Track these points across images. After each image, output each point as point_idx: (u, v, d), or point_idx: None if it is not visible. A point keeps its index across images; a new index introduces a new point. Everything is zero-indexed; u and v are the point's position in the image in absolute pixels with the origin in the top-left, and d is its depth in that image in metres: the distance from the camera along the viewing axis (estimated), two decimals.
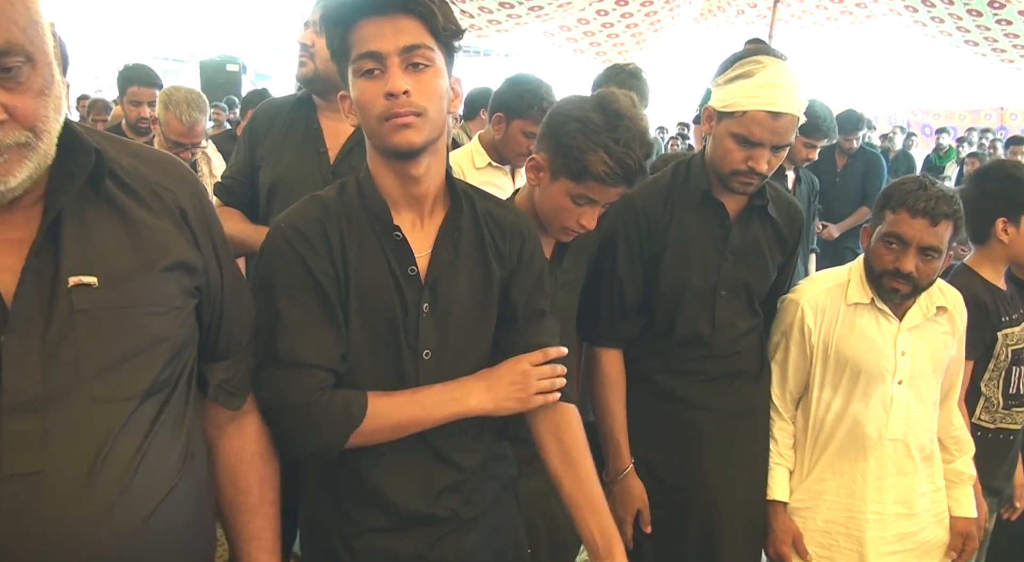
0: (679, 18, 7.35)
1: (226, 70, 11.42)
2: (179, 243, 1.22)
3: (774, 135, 1.91)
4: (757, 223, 2.11)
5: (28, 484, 1.05)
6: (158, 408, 1.18)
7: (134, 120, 4.03)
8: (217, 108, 9.80)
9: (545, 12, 6.91)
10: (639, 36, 7.27)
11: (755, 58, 1.93)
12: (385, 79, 1.33)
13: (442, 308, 1.49)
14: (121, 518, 1.12)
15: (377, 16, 1.32)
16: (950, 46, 7.07)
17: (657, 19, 7.14)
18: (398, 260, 1.45)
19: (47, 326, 1.08)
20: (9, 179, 1.03)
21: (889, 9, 7.14)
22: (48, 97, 1.05)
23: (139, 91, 4.00)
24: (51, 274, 1.09)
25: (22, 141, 1.03)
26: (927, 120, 15.54)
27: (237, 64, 11.63)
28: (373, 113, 1.35)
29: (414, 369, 1.47)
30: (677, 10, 7.16)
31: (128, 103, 4.05)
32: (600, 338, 2.13)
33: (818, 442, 2.12)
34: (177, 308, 1.21)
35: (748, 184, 1.99)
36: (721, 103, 1.97)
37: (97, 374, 1.10)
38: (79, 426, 1.09)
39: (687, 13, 7.46)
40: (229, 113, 9.31)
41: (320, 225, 1.43)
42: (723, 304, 2.09)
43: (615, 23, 7.18)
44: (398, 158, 1.41)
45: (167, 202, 1.23)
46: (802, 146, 3.77)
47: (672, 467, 2.13)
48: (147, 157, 1.26)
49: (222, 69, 11.46)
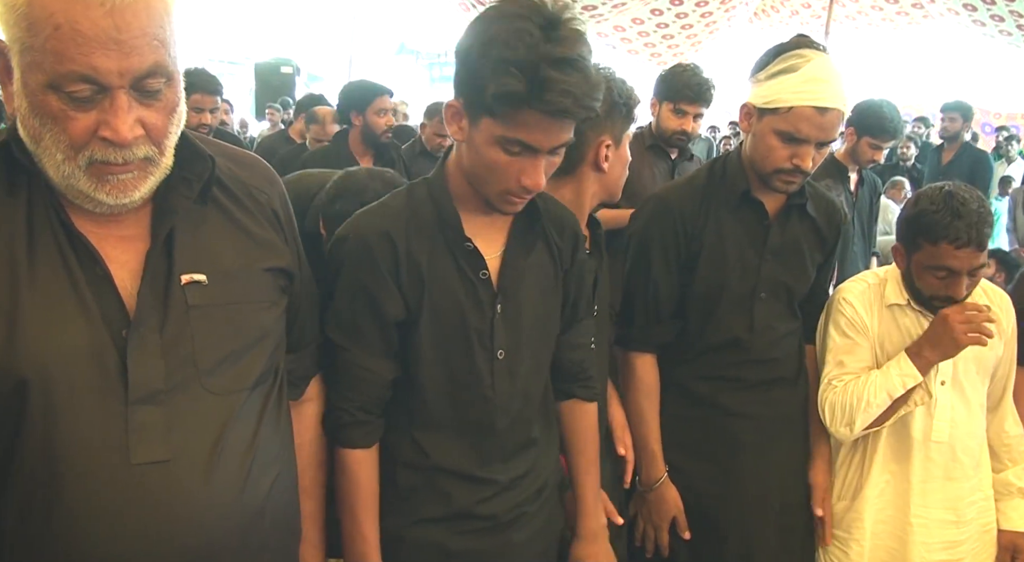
0: (734, 19, 7.30)
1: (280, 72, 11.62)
2: (276, 244, 1.29)
3: (821, 131, 1.86)
4: (796, 222, 2.06)
5: (155, 473, 1.10)
6: (263, 399, 1.24)
7: (195, 126, 4.06)
8: (272, 109, 9.99)
9: (599, 12, 6.90)
10: (694, 38, 7.22)
11: (797, 52, 1.87)
12: (525, 167, 1.38)
13: (514, 308, 1.52)
14: (241, 504, 1.18)
15: (548, 118, 1.32)
16: (1010, 45, 6.93)
17: (712, 20, 7.09)
18: (469, 264, 1.48)
19: (164, 322, 1.13)
20: (135, 193, 1.10)
21: (947, 8, 7.02)
22: (176, 114, 1.11)
23: (202, 98, 4.05)
24: (164, 272, 1.15)
25: (149, 156, 1.08)
26: (987, 119, 15.19)
27: (291, 66, 11.83)
28: (503, 185, 1.42)
29: (489, 370, 1.51)
30: (733, 11, 7.10)
31: (190, 109, 4.11)
32: (634, 343, 2.09)
33: (862, 445, 2.07)
34: (275, 304, 1.27)
35: (791, 183, 1.93)
36: (763, 99, 1.90)
37: (212, 367, 1.16)
38: (198, 417, 1.14)
39: (742, 14, 7.39)
40: (283, 114, 9.46)
41: (387, 238, 1.46)
42: (762, 306, 2.03)
43: (670, 24, 7.14)
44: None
45: (263, 204, 1.29)
46: (867, 147, 3.66)
47: (708, 475, 2.09)
48: (240, 160, 1.33)
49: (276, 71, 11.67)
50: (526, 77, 1.27)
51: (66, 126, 1.03)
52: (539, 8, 1.30)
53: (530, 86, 1.27)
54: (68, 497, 1.08)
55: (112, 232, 1.14)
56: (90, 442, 1.08)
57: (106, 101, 1.02)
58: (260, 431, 1.23)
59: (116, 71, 1.00)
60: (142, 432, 1.10)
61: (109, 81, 1.01)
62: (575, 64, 1.29)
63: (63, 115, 1.02)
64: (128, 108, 1.03)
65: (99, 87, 1.01)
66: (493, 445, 1.56)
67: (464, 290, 1.49)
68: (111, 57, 0.99)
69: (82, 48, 0.98)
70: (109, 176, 1.07)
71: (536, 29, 1.28)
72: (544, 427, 1.66)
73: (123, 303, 1.12)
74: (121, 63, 1.00)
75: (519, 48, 1.27)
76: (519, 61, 1.26)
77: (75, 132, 1.03)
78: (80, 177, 1.06)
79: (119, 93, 1.02)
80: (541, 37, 1.27)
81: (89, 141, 1.04)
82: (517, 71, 1.27)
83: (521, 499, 1.60)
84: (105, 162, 1.05)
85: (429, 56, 19.96)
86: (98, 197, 1.08)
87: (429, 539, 1.56)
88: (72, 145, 1.04)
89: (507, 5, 1.33)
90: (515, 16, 1.29)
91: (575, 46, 1.30)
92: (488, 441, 1.55)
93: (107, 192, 1.08)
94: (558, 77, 1.27)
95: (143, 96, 1.05)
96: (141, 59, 1.01)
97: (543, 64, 1.26)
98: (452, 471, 1.54)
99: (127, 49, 1.00)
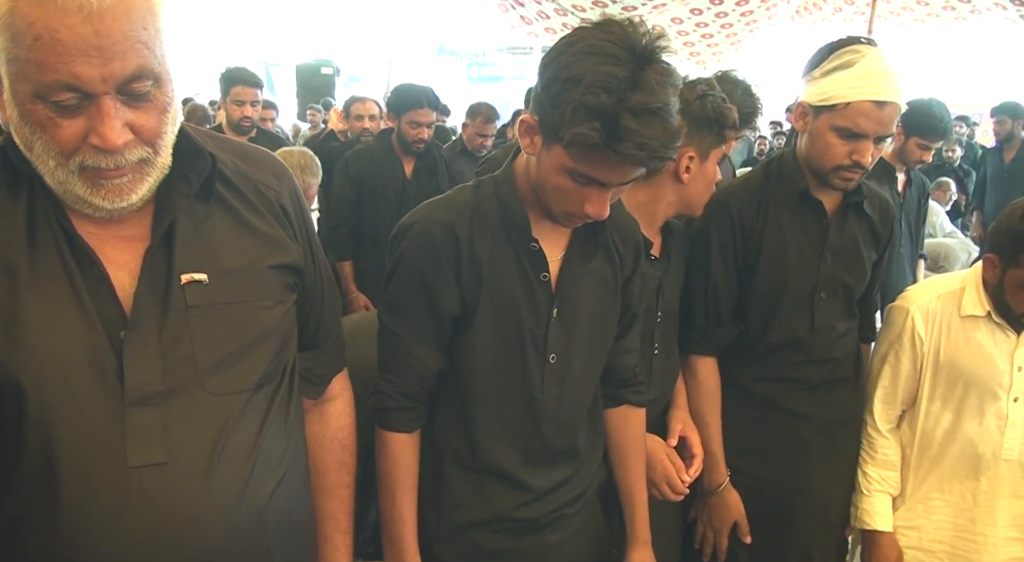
0: (775, 17, 7.21)
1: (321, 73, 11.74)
2: (283, 242, 1.26)
3: (879, 125, 1.85)
4: (853, 220, 2.04)
5: (152, 476, 1.09)
6: (268, 399, 1.22)
7: (237, 119, 4.19)
8: (313, 110, 10.07)
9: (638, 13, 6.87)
10: (734, 37, 7.15)
11: (852, 47, 1.86)
12: (591, 197, 1.39)
13: (570, 313, 1.51)
14: (241, 507, 1.16)
15: (622, 163, 1.31)
16: None
17: (753, 19, 7.01)
18: (532, 266, 1.48)
19: (163, 322, 1.12)
20: (132, 196, 1.09)
21: (993, 3, 6.89)
22: (169, 113, 1.09)
23: (242, 91, 4.18)
24: (164, 272, 1.13)
25: (143, 157, 1.07)
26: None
27: (331, 67, 11.94)
28: (567, 208, 1.42)
29: (540, 373, 1.51)
30: (774, 8, 7.01)
31: (231, 102, 4.21)
32: (695, 345, 2.08)
33: (925, 458, 2.02)
34: (281, 302, 1.25)
35: (850, 179, 1.92)
36: (819, 97, 1.89)
37: (212, 368, 1.14)
38: (197, 419, 1.13)
39: (784, 12, 7.31)
40: (324, 115, 9.53)
41: (451, 231, 1.47)
42: (823, 306, 2.02)
43: (709, 23, 7.08)
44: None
45: (271, 200, 1.27)
46: (916, 147, 3.58)
47: (771, 478, 2.07)
48: (249, 155, 1.31)
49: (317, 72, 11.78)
50: (604, 126, 1.25)
51: (55, 134, 1.02)
52: (631, 44, 1.27)
53: (607, 134, 1.25)
54: (66, 500, 1.08)
55: (113, 233, 1.14)
56: (87, 445, 1.08)
57: (92, 108, 1.01)
58: (264, 432, 1.21)
59: (99, 78, 0.99)
60: (139, 434, 1.09)
61: (93, 88, 0.99)
62: (657, 113, 1.26)
63: (51, 123, 1.01)
64: (115, 114, 1.02)
65: (84, 94, 1.00)
66: (538, 448, 1.56)
67: (523, 291, 1.49)
68: (93, 64, 0.98)
69: (63, 57, 0.97)
70: (103, 181, 1.06)
71: (624, 71, 1.25)
72: (590, 435, 1.66)
73: (121, 304, 1.11)
74: (103, 69, 0.99)
75: (601, 95, 1.24)
76: (600, 109, 1.24)
77: (64, 139, 1.02)
78: (75, 183, 1.06)
79: (104, 99, 1.01)
80: (627, 82, 1.24)
81: (79, 147, 1.03)
82: (596, 121, 1.25)
83: (561, 503, 1.60)
84: (97, 168, 1.05)
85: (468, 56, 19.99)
86: (94, 202, 1.07)
87: (468, 540, 1.57)
88: (62, 152, 1.03)
89: (599, 38, 1.29)
90: (604, 55, 1.26)
91: (660, 93, 1.26)
92: (533, 444, 1.55)
93: (103, 197, 1.07)
94: (636, 128, 1.24)
95: (131, 99, 1.04)
96: (124, 64, 1.00)
97: (624, 114, 1.24)
98: (495, 472, 1.55)
99: (108, 55, 0.98)
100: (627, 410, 1.75)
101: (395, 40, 8.42)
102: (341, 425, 1.49)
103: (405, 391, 1.53)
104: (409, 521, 1.55)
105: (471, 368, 1.51)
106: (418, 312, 1.49)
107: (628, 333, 1.70)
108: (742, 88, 2.93)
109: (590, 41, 1.30)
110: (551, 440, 1.56)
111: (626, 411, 1.75)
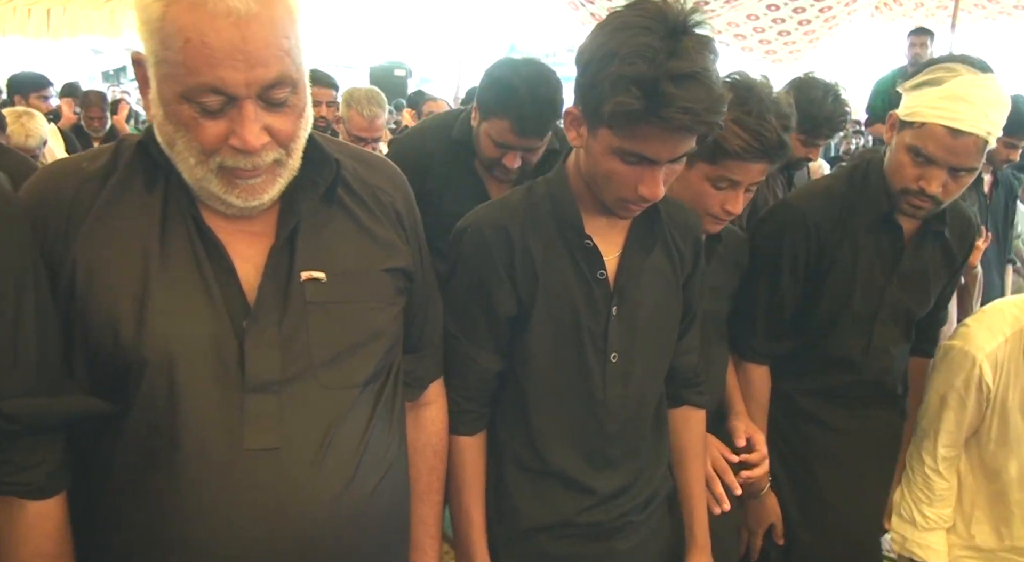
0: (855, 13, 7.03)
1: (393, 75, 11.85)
2: (397, 246, 1.31)
3: (951, 155, 1.71)
4: (930, 247, 1.95)
5: (266, 459, 1.14)
6: (375, 397, 1.26)
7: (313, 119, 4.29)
8: None
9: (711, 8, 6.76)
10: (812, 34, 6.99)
11: (949, 65, 1.73)
12: (643, 177, 1.35)
13: (630, 311, 1.49)
14: (347, 497, 1.20)
15: (667, 133, 1.29)
16: None
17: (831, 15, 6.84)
18: (587, 264, 1.46)
19: (283, 316, 1.17)
20: (264, 196, 1.15)
21: None
22: (303, 118, 1.15)
23: (318, 91, 4.25)
24: (286, 269, 1.19)
25: (277, 159, 1.13)
26: None
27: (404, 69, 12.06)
28: (620, 193, 1.38)
29: (601, 373, 1.49)
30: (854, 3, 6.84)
31: None
32: (753, 354, 2.04)
33: (983, 494, 1.91)
34: (392, 304, 1.30)
35: (919, 207, 1.81)
36: (904, 110, 1.79)
37: (326, 362, 1.19)
38: (310, 409, 1.18)
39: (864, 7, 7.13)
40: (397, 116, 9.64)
41: (503, 232, 1.47)
42: (881, 329, 1.96)
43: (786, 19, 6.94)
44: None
45: (386, 205, 1.32)
46: (1003, 146, 3.43)
47: (804, 487, 2.06)
48: (367, 161, 1.36)
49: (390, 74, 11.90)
50: (644, 94, 1.23)
51: (197, 133, 1.07)
52: (664, 16, 1.25)
53: (648, 102, 1.23)
54: (185, 474, 1.13)
55: (241, 228, 1.20)
56: (207, 425, 1.13)
57: (234, 110, 1.06)
58: (371, 428, 1.25)
59: (243, 82, 1.04)
60: (256, 419, 1.14)
61: (236, 92, 1.05)
62: (696, 77, 1.23)
63: (195, 123, 1.07)
64: (255, 117, 1.07)
65: (227, 98, 1.05)
66: (601, 451, 1.54)
67: (579, 289, 1.47)
68: (238, 69, 1.03)
69: (210, 61, 1.02)
70: (238, 180, 1.12)
71: (658, 41, 1.23)
72: (655, 437, 1.63)
73: (245, 296, 1.17)
74: (247, 74, 1.04)
75: (638, 63, 1.23)
76: (638, 77, 1.23)
77: (206, 139, 1.08)
78: (212, 180, 1.12)
79: (246, 103, 1.06)
80: (663, 50, 1.22)
81: (220, 148, 1.08)
82: (635, 88, 1.23)
83: (626, 509, 1.58)
84: (234, 168, 1.10)
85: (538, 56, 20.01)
86: (229, 199, 1.14)
87: (531, 545, 1.56)
88: (203, 151, 1.09)
89: (631, 14, 1.28)
90: (637, 28, 1.25)
91: (698, 58, 1.24)
92: (596, 446, 1.54)
93: (237, 195, 1.13)
94: (677, 93, 1.22)
95: (269, 104, 1.09)
96: (266, 70, 1.05)
97: (663, 80, 1.22)
98: (557, 475, 1.54)
99: (253, 61, 1.03)
100: (687, 411, 1.72)
101: (465, 41, 8.45)
102: (435, 430, 1.53)
103: (467, 394, 1.55)
104: (477, 523, 1.56)
105: (529, 368, 1.51)
106: (477, 316, 1.51)
107: (688, 332, 1.68)
108: (832, 94, 2.84)
109: (623, 18, 1.29)
110: (615, 442, 1.54)
111: (686, 412, 1.72)
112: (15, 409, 1.08)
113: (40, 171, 1.25)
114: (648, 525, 1.63)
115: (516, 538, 1.57)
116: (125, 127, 6.85)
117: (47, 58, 10.73)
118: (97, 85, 13.61)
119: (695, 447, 1.73)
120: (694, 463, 1.72)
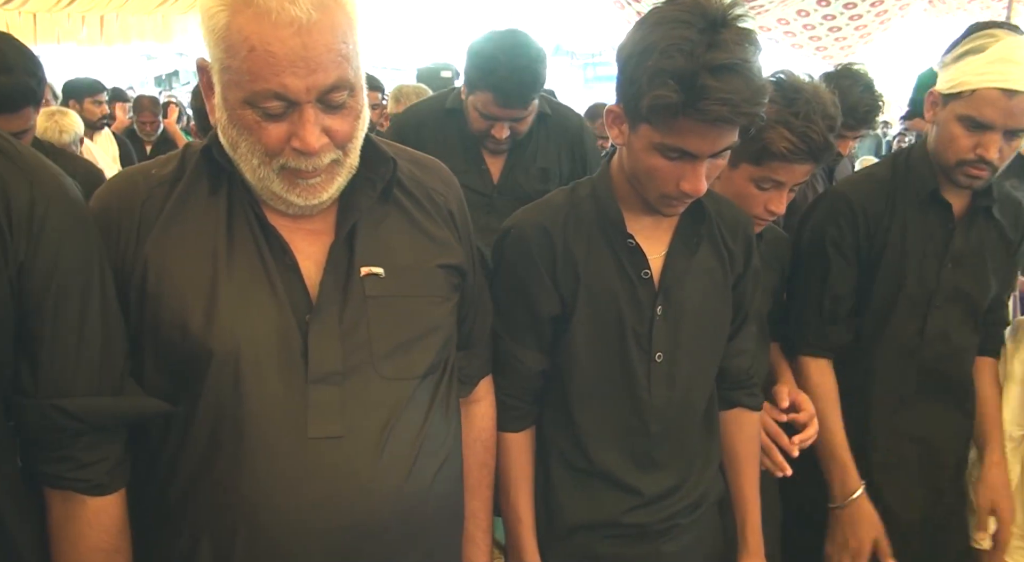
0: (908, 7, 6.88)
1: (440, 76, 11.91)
2: (450, 243, 1.35)
3: (1008, 116, 1.70)
4: (982, 226, 1.92)
5: (329, 447, 1.18)
6: (432, 389, 1.30)
7: None
8: None
9: (760, 4, 6.67)
10: (863, 30, 6.86)
11: (988, 31, 1.73)
12: (685, 172, 1.35)
13: (675, 311, 1.48)
14: (408, 485, 1.24)
15: (706, 126, 1.28)
16: None
17: (883, 10, 6.70)
18: (631, 263, 1.46)
19: (344, 309, 1.22)
20: (323, 194, 1.19)
21: None
22: (360, 119, 1.19)
23: None
24: (346, 264, 1.23)
25: (335, 159, 1.17)
26: None
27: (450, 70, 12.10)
28: (663, 190, 1.38)
29: (646, 373, 1.49)
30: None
31: None
32: (808, 347, 1.99)
33: None
34: (447, 299, 1.34)
35: (976, 177, 1.79)
36: (947, 84, 1.77)
37: (385, 354, 1.23)
38: (371, 399, 1.22)
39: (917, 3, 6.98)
40: None
41: (544, 233, 1.48)
42: (938, 315, 1.92)
43: (837, 15, 6.81)
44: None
45: (439, 205, 1.36)
46: None
47: (891, 493, 1.98)
48: (421, 163, 1.41)
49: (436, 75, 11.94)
50: (682, 87, 1.22)
51: (260, 136, 1.12)
52: (703, 9, 1.25)
53: (686, 95, 1.24)
54: (250, 462, 1.18)
55: (301, 226, 1.25)
56: (272, 415, 1.19)
57: (295, 114, 1.11)
58: (429, 418, 1.28)
59: (304, 88, 1.08)
60: (319, 409, 1.19)
61: (298, 97, 1.09)
62: (735, 69, 1.23)
63: (258, 127, 1.11)
64: (315, 120, 1.11)
65: (289, 102, 1.09)
66: (646, 451, 1.54)
67: (623, 288, 1.47)
68: (299, 75, 1.07)
69: (274, 68, 1.06)
70: (299, 180, 1.17)
71: (696, 34, 1.23)
72: (705, 439, 1.61)
73: (307, 291, 1.22)
74: (308, 80, 1.08)
75: (676, 57, 1.23)
76: (676, 70, 1.23)
77: (269, 142, 1.12)
78: (274, 180, 1.16)
79: (307, 107, 1.10)
80: (701, 42, 1.23)
81: (282, 149, 1.13)
82: (673, 82, 1.24)
83: (674, 511, 1.57)
84: (296, 169, 1.15)
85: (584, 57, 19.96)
86: (290, 199, 1.19)
87: (576, 544, 1.57)
88: (267, 153, 1.14)
89: (669, 9, 1.30)
90: (675, 22, 1.26)
91: (737, 50, 1.24)
92: (641, 446, 1.53)
93: (298, 194, 1.18)
94: (716, 85, 1.22)
95: (328, 107, 1.12)
96: (326, 75, 1.09)
97: (701, 72, 1.22)
98: (602, 474, 1.54)
99: (313, 66, 1.07)
100: (740, 413, 1.71)
101: None
102: (484, 426, 1.55)
103: (512, 392, 1.57)
104: (526, 520, 1.58)
105: (573, 368, 1.52)
106: (518, 314, 1.53)
107: (740, 333, 1.66)
108: (863, 84, 2.80)
109: (662, 13, 1.31)
110: (661, 443, 1.54)
111: (739, 414, 1.71)
112: (79, 408, 1.13)
113: (113, 177, 1.32)
114: (696, 528, 1.62)
115: (561, 536, 1.58)
116: (176, 129, 6.98)
117: (101, 64, 10.97)
118: (149, 89, 13.89)
119: (748, 450, 1.70)
120: (747, 466, 1.70)
